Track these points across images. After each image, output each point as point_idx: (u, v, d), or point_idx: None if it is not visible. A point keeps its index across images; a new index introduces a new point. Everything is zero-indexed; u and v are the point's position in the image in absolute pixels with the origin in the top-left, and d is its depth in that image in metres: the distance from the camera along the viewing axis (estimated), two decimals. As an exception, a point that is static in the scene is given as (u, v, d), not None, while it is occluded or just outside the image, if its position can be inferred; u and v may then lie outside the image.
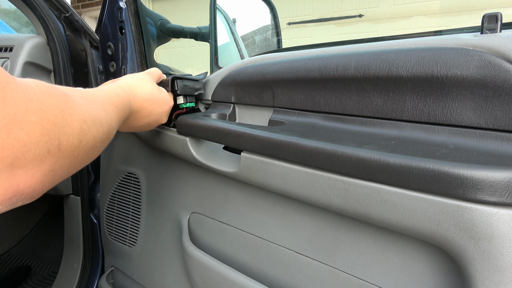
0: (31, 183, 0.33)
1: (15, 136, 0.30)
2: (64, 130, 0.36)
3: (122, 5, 1.02)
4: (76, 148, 0.39)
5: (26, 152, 0.32)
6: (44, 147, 0.34)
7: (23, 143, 0.31)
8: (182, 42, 4.44)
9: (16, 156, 0.31)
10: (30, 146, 0.32)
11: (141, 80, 0.68)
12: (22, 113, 0.31)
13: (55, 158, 0.35)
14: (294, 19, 4.23)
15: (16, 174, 0.31)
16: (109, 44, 1.06)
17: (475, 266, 0.39)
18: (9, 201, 0.32)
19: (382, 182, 0.45)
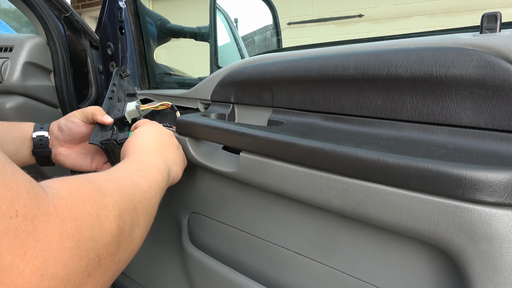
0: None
1: (51, 275, 0.25)
2: (103, 240, 0.31)
3: (122, 5, 1.02)
4: (116, 253, 0.34)
5: (67, 285, 0.27)
6: (84, 273, 0.29)
7: (60, 280, 0.26)
8: (182, 42, 4.44)
9: None
10: (68, 279, 0.27)
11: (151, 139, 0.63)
12: (57, 243, 0.26)
13: (96, 279, 0.30)
14: (294, 19, 4.23)
15: None
16: (109, 44, 1.06)
17: (474, 267, 0.39)
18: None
19: (381, 182, 0.45)
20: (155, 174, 0.51)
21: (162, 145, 0.63)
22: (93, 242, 0.30)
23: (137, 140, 0.62)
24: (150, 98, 0.97)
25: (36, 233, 0.24)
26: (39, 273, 0.24)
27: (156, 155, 0.58)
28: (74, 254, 0.27)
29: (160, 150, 0.61)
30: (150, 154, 0.57)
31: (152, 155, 0.57)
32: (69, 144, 0.75)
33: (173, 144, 0.67)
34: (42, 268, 0.24)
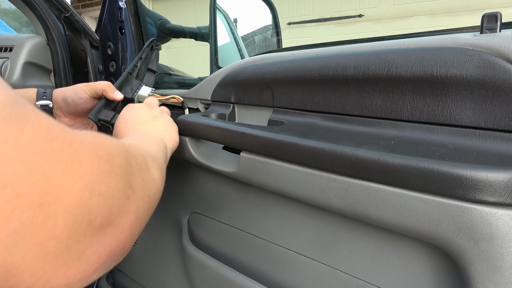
0: (121, 240, 0.30)
1: (98, 193, 0.27)
2: (131, 171, 0.34)
3: (122, 5, 1.02)
4: (144, 186, 0.36)
5: (111, 206, 0.29)
6: (123, 195, 0.31)
7: (107, 198, 0.28)
8: (182, 42, 4.44)
9: (104, 215, 0.27)
10: (113, 198, 0.29)
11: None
12: (96, 165, 0.28)
13: (135, 203, 0.33)
14: (294, 19, 4.23)
15: (106, 233, 0.28)
16: (109, 44, 1.06)
17: (475, 266, 0.39)
18: (104, 265, 0.29)
19: (381, 182, 0.45)
20: (157, 142, 0.54)
21: (145, 122, 0.64)
22: (123, 170, 0.32)
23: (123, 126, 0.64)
24: (150, 98, 0.97)
25: (77, 155, 0.26)
26: (88, 190, 0.26)
27: (145, 131, 0.61)
28: (112, 176, 0.29)
29: (145, 127, 0.63)
30: (145, 130, 0.60)
31: (147, 130, 0.61)
32: (72, 115, 0.76)
33: (153, 116, 0.68)
34: (89, 186, 0.26)
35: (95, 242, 0.27)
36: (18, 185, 0.22)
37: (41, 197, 0.23)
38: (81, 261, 0.26)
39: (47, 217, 0.23)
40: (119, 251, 0.30)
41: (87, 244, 0.26)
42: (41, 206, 0.23)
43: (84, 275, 0.27)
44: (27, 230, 0.22)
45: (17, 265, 0.23)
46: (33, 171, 0.22)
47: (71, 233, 0.25)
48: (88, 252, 0.26)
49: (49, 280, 0.24)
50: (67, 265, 0.25)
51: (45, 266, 0.24)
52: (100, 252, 0.28)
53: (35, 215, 0.22)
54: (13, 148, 0.22)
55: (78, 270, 0.26)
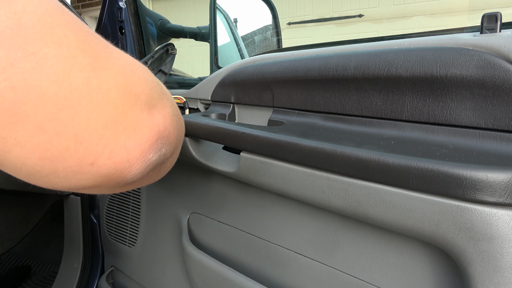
0: (166, 124, 0.33)
1: (137, 73, 0.30)
2: (156, 80, 0.37)
3: (122, 5, 1.02)
4: (170, 98, 0.39)
5: (152, 89, 0.32)
6: (158, 87, 0.34)
7: (145, 80, 0.31)
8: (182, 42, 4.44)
9: (147, 93, 0.30)
10: (151, 84, 0.32)
11: None
12: (129, 58, 0.31)
13: (169, 100, 0.35)
14: (294, 19, 4.23)
15: (153, 113, 0.31)
16: (109, 44, 1.06)
17: (475, 267, 0.39)
18: (156, 144, 0.31)
19: (381, 182, 0.45)
20: None
21: None
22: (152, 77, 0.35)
23: None
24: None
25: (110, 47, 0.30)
26: (128, 69, 0.30)
27: None
28: (144, 70, 0.33)
29: None
30: None
31: None
32: None
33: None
34: (128, 66, 0.30)
35: (146, 117, 0.30)
36: (72, 48, 0.25)
37: (92, 62, 0.26)
38: (137, 132, 0.29)
39: (101, 81, 0.26)
40: (166, 135, 0.33)
41: (139, 116, 0.29)
42: (94, 70, 0.26)
43: (142, 150, 0.29)
44: (87, 90, 0.25)
45: (84, 126, 0.26)
46: (81, 40, 0.26)
47: (124, 101, 0.28)
48: (142, 125, 0.29)
49: (112, 151, 0.27)
50: (125, 134, 0.28)
51: (107, 131, 0.27)
52: (151, 127, 0.30)
53: (90, 77, 0.26)
54: (62, 16, 0.25)
55: (136, 142, 0.29)
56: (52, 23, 0.25)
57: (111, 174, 0.28)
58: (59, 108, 0.24)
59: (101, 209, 1.11)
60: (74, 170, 0.27)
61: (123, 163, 0.28)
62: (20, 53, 0.23)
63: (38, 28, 0.24)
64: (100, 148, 0.27)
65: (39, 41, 0.24)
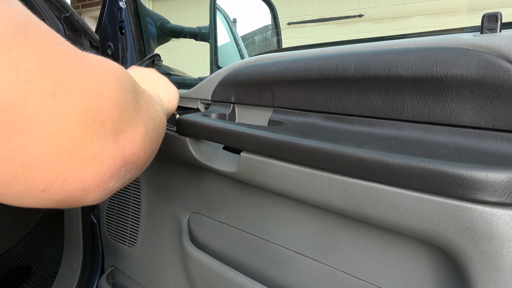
0: (134, 149, 0.31)
1: (107, 96, 0.28)
2: (135, 90, 0.34)
3: (122, 5, 1.02)
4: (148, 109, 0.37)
5: (122, 112, 0.29)
6: (131, 106, 0.31)
7: (116, 103, 0.29)
8: (182, 42, 4.44)
9: (114, 118, 0.28)
10: (122, 106, 0.30)
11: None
12: (103, 74, 0.29)
13: (143, 119, 0.33)
14: (294, 19, 4.23)
15: (120, 139, 0.29)
16: (109, 44, 1.06)
17: (475, 266, 0.39)
18: (119, 172, 0.29)
19: (381, 182, 0.45)
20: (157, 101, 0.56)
21: (146, 81, 0.63)
22: (130, 86, 0.32)
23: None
24: (150, 98, 0.97)
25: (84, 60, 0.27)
26: (97, 91, 0.27)
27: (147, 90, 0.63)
28: (119, 86, 0.30)
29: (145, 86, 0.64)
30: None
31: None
32: None
33: (155, 77, 0.67)
34: (98, 88, 0.27)
35: (109, 146, 0.28)
36: (30, 71, 0.23)
37: (53, 87, 0.24)
38: (96, 163, 0.27)
39: (59, 109, 0.24)
40: (133, 161, 0.31)
41: (101, 146, 0.27)
42: (53, 96, 0.24)
43: (100, 180, 0.27)
44: (40, 119, 0.23)
45: (34, 156, 0.24)
46: (43, 61, 0.24)
47: (84, 130, 0.26)
48: (103, 154, 0.27)
49: (66, 180, 0.25)
50: (82, 165, 0.26)
51: (60, 161, 0.25)
52: (114, 156, 0.28)
53: (47, 104, 0.24)
54: (23, 36, 0.23)
55: (94, 172, 0.27)
56: (11, 44, 0.22)
57: (64, 200, 0.27)
58: (7, 137, 0.23)
59: (101, 209, 1.11)
60: (24, 196, 0.25)
61: (78, 192, 0.27)
62: None
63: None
64: (52, 177, 0.25)
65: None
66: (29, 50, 0.23)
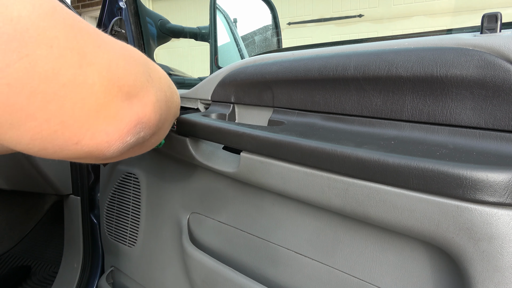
0: (146, 112, 0.36)
1: (123, 66, 0.33)
2: (147, 65, 0.39)
3: (122, 5, 1.02)
4: (160, 83, 0.42)
5: (135, 80, 0.35)
6: (144, 76, 0.37)
7: (130, 72, 0.34)
8: (182, 42, 4.44)
9: (129, 84, 0.34)
10: (136, 74, 0.35)
11: None
12: (119, 48, 0.34)
13: (154, 88, 0.38)
14: (294, 19, 4.23)
15: (133, 103, 0.34)
16: (109, 44, 1.06)
17: (475, 266, 0.39)
18: (134, 129, 0.35)
19: (381, 182, 0.45)
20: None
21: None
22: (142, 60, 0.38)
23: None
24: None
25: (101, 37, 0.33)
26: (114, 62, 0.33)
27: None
28: (132, 59, 0.36)
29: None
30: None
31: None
32: None
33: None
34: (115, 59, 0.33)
35: (126, 106, 0.33)
36: (61, 48, 0.28)
37: (80, 60, 0.29)
38: (116, 119, 0.33)
39: (86, 77, 0.30)
40: (146, 121, 0.36)
41: (120, 106, 0.33)
42: (80, 67, 0.29)
43: (120, 134, 0.33)
44: (73, 85, 0.29)
45: (69, 115, 0.29)
46: (70, 38, 0.29)
47: (106, 93, 0.31)
48: (122, 113, 0.33)
49: (94, 134, 0.31)
50: (106, 121, 0.32)
51: (89, 119, 0.30)
52: (130, 116, 0.34)
53: (77, 74, 0.29)
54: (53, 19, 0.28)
55: (115, 127, 0.33)
56: (45, 27, 0.27)
57: (92, 151, 0.32)
58: (48, 101, 0.28)
59: (101, 209, 1.11)
60: (62, 148, 0.31)
61: (103, 143, 0.32)
62: (16, 55, 0.26)
63: (32, 32, 0.27)
64: (84, 131, 0.30)
65: (33, 44, 0.26)
66: (58, 30, 0.28)
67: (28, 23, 0.26)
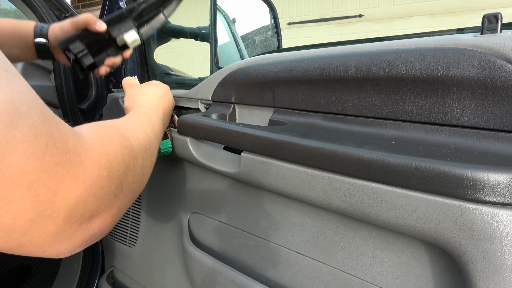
0: (102, 226, 0.37)
1: (93, 193, 0.34)
2: (124, 172, 0.40)
3: (122, 5, 1.02)
4: (132, 184, 0.43)
5: (101, 203, 0.35)
6: (113, 194, 0.38)
7: (99, 197, 0.35)
8: (182, 42, 4.44)
9: (94, 210, 0.35)
10: (103, 198, 0.36)
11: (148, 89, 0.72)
12: (97, 172, 0.34)
13: (120, 200, 0.39)
14: (294, 19, 4.23)
15: (92, 222, 0.35)
16: (109, 44, 1.06)
17: (475, 266, 0.39)
18: (86, 243, 0.36)
19: (382, 182, 0.45)
20: (158, 128, 0.61)
21: (163, 102, 0.70)
22: (118, 173, 0.39)
23: (145, 94, 0.70)
24: (150, 98, 0.97)
25: (83, 164, 0.33)
26: (86, 192, 0.33)
27: (160, 111, 0.67)
28: (107, 180, 0.36)
29: (161, 107, 0.69)
30: (155, 111, 0.66)
31: (157, 111, 0.66)
32: None
33: (169, 99, 0.74)
34: (88, 189, 0.33)
35: (83, 228, 0.34)
36: (39, 187, 0.29)
37: (52, 196, 0.30)
38: (70, 240, 0.34)
39: (53, 211, 0.30)
40: (100, 233, 0.38)
41: (76, 229, 0.34)
42: (51, 203, 0.30)
43: (70, 249, 0.35)
44: (39, 219, 0.30)
45: (27, 242, 0.30)
46: (51, 178, 0.29)
47: (67, 222, 0.32)
48: (77, 235, 0.34)
49: (45, 251, 0.33)
50: (60, 242, 0.33)
51: (45, 243, 0.32)
52: (85, 234, 0.35)
53: (46, 209, 0.30)
54: (40, 161, 0.28)
55: (67, 245, 0.34)
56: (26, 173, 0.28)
57: (39, 255, 0.34)
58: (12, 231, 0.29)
59: (102, 209, 1.11)
60: (20, 251, 0.32)
61: (52, 255, 0.34)
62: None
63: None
64: (36, 249, 0.32)
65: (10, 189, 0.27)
66: (43, 172, 0.29)
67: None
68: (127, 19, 0.73)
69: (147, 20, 0.75)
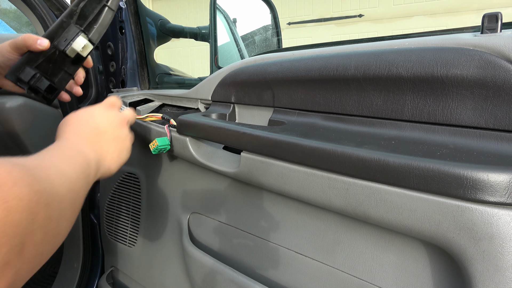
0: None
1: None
2: (29, 227, 0.30)
3: (122, 5, 1.02)
4: (41, 244, 0.32)
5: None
6: (2, 261, 0.27)
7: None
8: (182, 42, 4.44)
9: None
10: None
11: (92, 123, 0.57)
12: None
13: (15, 268, 0.29)
14: (294, 19, 4.23)
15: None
16: (109, 44, 1.06)
17: (475, 266, 0.39)
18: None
19: (382, 182, 0.45)
20: (84, 166, 0.47)
21: (102, 136, 0.56)
22: (19, 229, 0.28)
23: (77, 122, 0.56)
24: (150, 98, 0.97)
25: None
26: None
27: (90, 145, 0.53)
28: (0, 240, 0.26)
29: (96, 141, 0.55)
30: (83, 143, 0.52)
31: (86, 144, 0.52)
32: None
33: (117, 136, 0.59)
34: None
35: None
36: None
37: None
38: None
39: None
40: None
41: None
42: None
43: None
44: None
45: None
46: None
47: None
48: None
49: None
50: None
51: None
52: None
53: None
54: None
55: None
56: None
57: None
58: None
59: (101, 209, 1.11)
60: None
61: None
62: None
63: None
64: None
65: None
66: None
67: None
68: (69, 26, 0.63)
69: (93, 20, 0.65)
